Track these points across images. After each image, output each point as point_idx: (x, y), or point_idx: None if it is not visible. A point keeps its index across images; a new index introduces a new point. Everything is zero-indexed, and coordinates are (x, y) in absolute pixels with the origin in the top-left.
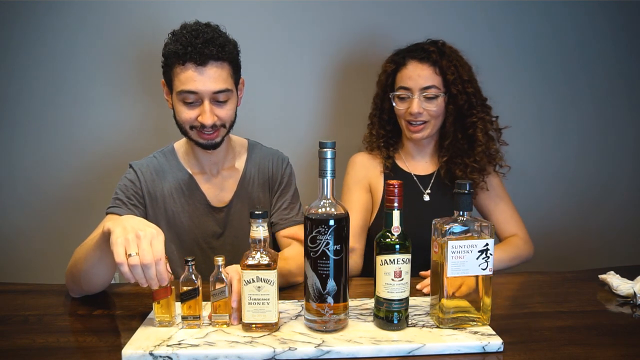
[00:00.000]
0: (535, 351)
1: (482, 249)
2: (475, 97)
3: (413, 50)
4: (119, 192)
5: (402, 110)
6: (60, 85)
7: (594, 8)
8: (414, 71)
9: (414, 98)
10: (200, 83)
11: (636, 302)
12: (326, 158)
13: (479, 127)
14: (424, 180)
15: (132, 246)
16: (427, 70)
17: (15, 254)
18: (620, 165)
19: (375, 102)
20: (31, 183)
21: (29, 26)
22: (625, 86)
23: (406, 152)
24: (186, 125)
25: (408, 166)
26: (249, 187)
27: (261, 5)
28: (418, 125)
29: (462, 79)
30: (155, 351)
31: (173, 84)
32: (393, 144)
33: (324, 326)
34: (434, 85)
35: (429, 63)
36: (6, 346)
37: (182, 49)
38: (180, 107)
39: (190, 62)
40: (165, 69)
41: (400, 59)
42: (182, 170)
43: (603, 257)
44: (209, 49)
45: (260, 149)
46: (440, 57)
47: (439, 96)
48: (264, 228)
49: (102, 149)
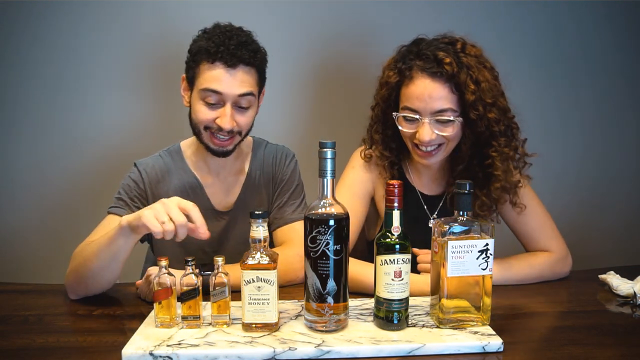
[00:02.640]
0: (535, 351)
1: (482, 249)
2: (499, 123)
3: (423, 58)
4: (122, 192)
5: (408, 133)
6: (61, 84)
7: (596, 8)
8: (425, 90)
9: (424, 122)
10: (226, 84)
11: (636, 302)
12: (326, 158)
13: (497, 163)
14: (431, 201)
15: (161, 214)
16: (440, 90)
17: (16, 254)
18: (621, 166)
19: (375, 113)
20: (32, 183)
21: (31, 25)
22: (627, 86)
23: (415, 170)
24: (201, 125)
25: (415, 183)
26: (253, 190)
27: (260, 3)
28: (429, 151)
29: (483, 102)
30: (155, 351)
31: (196, 80)
32: (398, 162)
33: (324, 326)
34: (449, 109)
35: (443, 80)
36: (6, 346)
37: (214, 47)
38: (200, 106)
39: (220, 61)
40: (190, 64)
41: (406, 70)
42: (187, 173)
43: (603, 257)
44: (241, 52)
45: (264, 147)
46: (458, 70)
47: (454, 120)
48: (264, 228)
49: (102, 149)
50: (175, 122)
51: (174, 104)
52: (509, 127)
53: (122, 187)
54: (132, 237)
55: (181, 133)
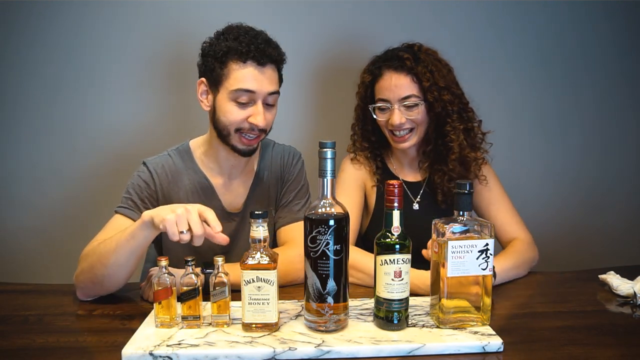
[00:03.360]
0: (535, 351)
1: (482, 249)
2: (452, 104)
3: (388, 58)
4: (132, 193)
5: (383, 122)
6: (61, 84)
7: (595, 8)
8: (391, 81)
9: (394, 108)
10: (259, 83)
11: (636, 302)
12: (326, 158)
13: (452, 136)
14: (413, 187)
15: (183, 223)
16: (403, 79)
17: (16, 254)
18: (621, 166)
19: (356, 112)
20: (32, 183)
21: (32, 25)
22: (627, 86)
23: (396, 159)
24: (233, 127)
25: (398, 173)
26: (262, 190)
27: (262, 4)
28: (403, 135)
29: (437, 86)
30: (155, 351)
31: (225, 81)
32: (380, 155)
33: (324, 326)
34: (412, 94)
35: (405, 72)
36: (6, 346)
37: (245, 47)
38: (231, 107)
39: (252, 60)
40: (212, 66)
41: (376, 70)
42: (198, 173)
43: (603, 257)
44: (269, 50)
45: (272, 148)
46: (416, 64)
47: (418, 104)
48: (264, 228)
49: (102, 149)
50: (180, 121)
51: (179, 104)
52: (463, 110)
53: (131, 187)
54: (153, 232)
55: (186, 132)
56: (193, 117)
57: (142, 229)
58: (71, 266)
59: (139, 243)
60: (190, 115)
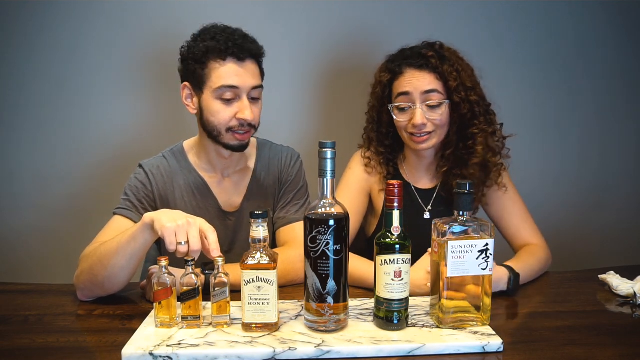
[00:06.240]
0: (535, 351)
1: (482, 249)
2: (479, 105)
3: (409, 56)
4: (129, 194)
5: (403, 123)
6: (61, 85)
7: (594, 8)
8: (413, 78)
9: (417, 108)
10: (241, 78)
11: (636, 302)
12: (326, 158)
13: (478, 139)
14: (425, 194)
15: (182, 234)
16: (427, 76)
17: (16, 254)
18: (620, 166)
19: (370, 115)
20: (32, 183)
21: (33, 25)
22: (625, 86)
23: (409, 164)
24: (223, 126)
25: (410, 178)
26: (259, 190)
27: (261, 4)
28: (423, 136)
29: (465, 86)
30: (155, 351)
31: (208, 81)
32: (392, 159)
33: (324, 326)
34: (436, 90)
35: (429, 70)
36: (6, 346)
37: (223, 44)
38: (218, 106)
39: (232, 57)
40: (192, 69)
41: (395, 67)
42: (193, 173)
43: (603, 257)
44: (247, 45)
45: (270, 148)
46: (441, 62)
47: (442, 104)
48: (264, 228)
49: (102, 150)
50: (176, 122)
51: (175, 105)
52: (487, 111)
53: (129, 189)
54: (152, 235)
55: (182, 133)
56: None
57: (142, 231)
58: (72, 266)
59: (140, 245)
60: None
